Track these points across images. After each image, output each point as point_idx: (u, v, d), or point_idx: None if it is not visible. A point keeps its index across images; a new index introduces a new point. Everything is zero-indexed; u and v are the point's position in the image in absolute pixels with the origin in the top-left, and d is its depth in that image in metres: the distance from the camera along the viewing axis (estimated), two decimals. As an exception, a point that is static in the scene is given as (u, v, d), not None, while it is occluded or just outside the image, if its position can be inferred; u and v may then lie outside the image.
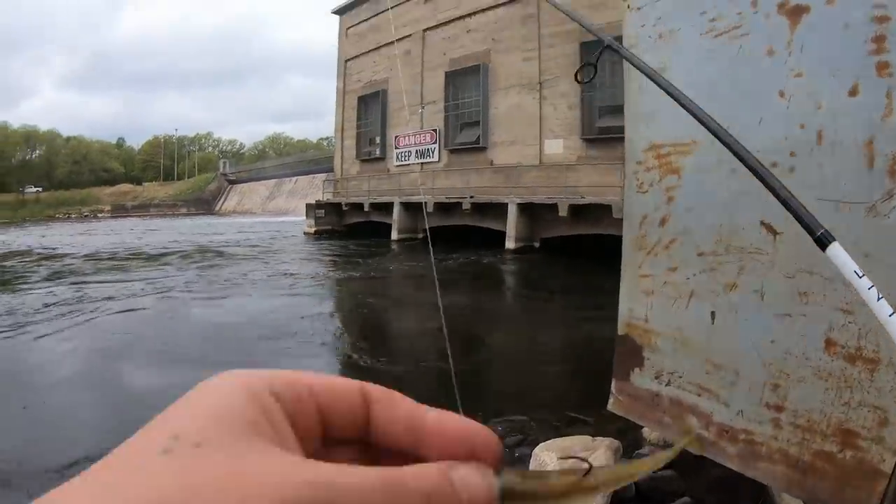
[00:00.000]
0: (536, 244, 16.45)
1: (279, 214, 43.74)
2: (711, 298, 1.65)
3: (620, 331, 2.19)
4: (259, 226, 32.11)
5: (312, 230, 23.12)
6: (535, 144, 18.09)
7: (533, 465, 2.84)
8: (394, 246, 18.46)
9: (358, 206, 22.32)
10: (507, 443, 3.89)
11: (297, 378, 0.22)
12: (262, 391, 0.20)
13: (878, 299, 0.70)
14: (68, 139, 73.41)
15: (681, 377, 1.87)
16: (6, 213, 51.63)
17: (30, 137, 68.48)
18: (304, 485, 0.18)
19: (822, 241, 0.77)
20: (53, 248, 19.57)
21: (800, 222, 0.80)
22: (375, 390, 0.23)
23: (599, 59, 1.22)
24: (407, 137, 22.55)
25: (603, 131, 16.17)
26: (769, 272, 1.46)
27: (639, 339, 2.08)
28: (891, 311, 0.69)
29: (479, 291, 11.56)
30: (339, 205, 23.41)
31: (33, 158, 68.53)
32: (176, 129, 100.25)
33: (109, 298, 9.13)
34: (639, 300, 2.06)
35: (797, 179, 1.30)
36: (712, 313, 1.67)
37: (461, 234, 17.96)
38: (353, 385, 0.23)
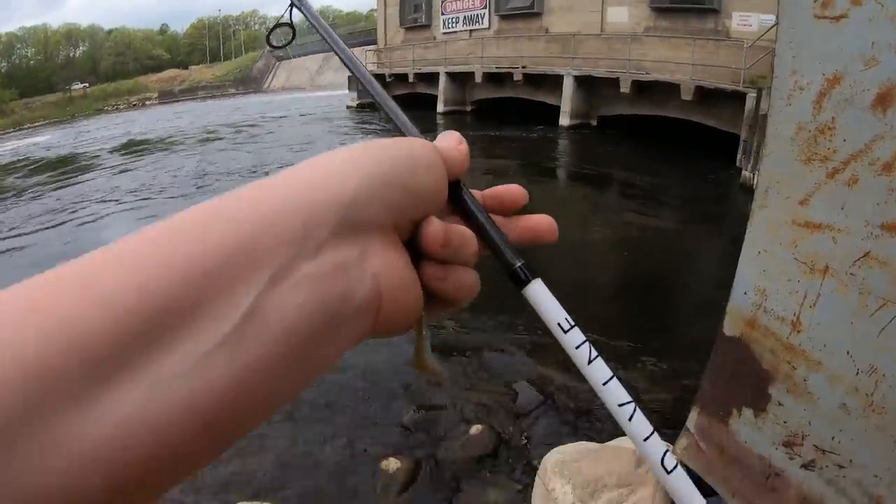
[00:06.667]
0: (594, 122, 14.90)
1: (328, 89, 42.37)
2: None
3: (728, 327, 1.27)
4: (308, 101, 31.12)
5: (355, 103, 22.14)
6: (596, 11, 15.72)
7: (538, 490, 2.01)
8: (439, 119, 17.23)
9: (402, 77, 20.85)
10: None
11: None
12: None
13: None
14: (110, 31, 71.65)
15: (843, 468, 1.05)
16: (56, 112, 51.50)
17: (71, 35, 67.19)
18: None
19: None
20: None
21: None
22: None
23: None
24: (454, 2, 20.39)
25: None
26: None
27: (767, 355, 1.17)
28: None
29: (526, 171, 10.57)
30: (382, 76, 21.94)
31: (77, 56, 67.27)
32: (220, 10, 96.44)
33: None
34: (783, 277, 1.13)
35: None
36: None
37: (513, 106, 16.57)
38: None
